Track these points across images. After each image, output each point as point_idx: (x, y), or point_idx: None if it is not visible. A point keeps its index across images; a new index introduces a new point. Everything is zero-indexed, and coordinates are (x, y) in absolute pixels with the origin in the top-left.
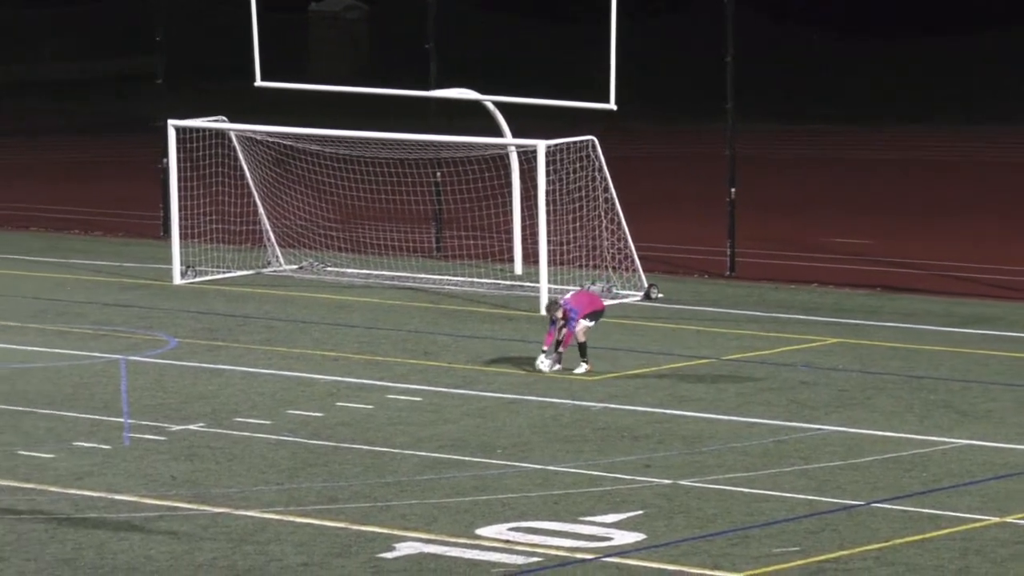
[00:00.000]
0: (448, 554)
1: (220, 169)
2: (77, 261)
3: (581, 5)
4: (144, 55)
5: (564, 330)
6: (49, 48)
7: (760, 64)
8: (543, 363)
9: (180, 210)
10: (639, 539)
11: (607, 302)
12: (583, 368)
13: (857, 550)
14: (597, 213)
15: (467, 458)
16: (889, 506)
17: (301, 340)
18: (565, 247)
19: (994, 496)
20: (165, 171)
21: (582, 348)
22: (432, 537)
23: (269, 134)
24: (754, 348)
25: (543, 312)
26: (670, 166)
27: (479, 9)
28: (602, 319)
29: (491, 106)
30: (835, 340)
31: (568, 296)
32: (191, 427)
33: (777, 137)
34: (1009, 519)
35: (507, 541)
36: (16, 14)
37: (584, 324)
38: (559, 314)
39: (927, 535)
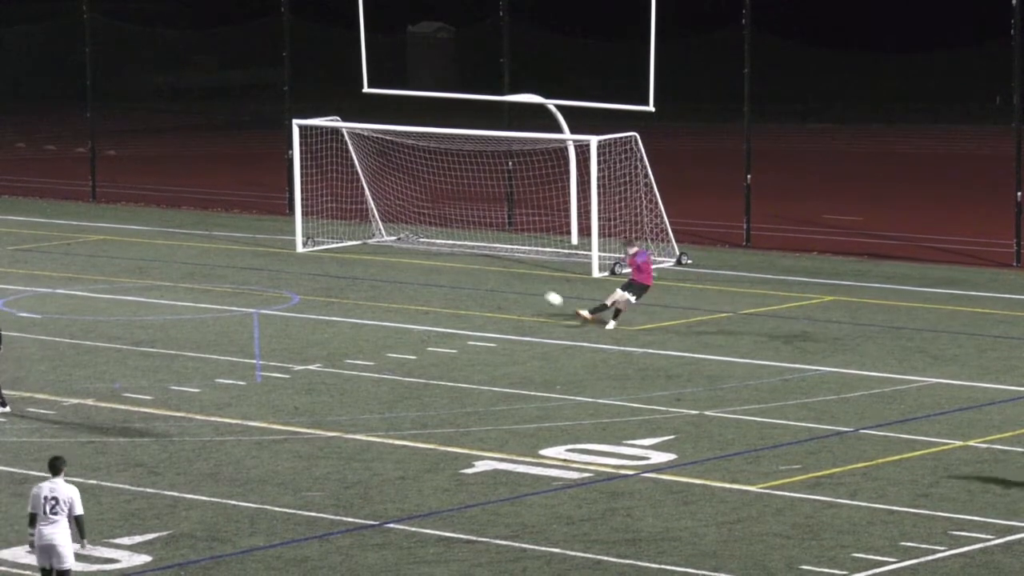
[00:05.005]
0: (517, 470)
1: (334, 159)
2: (219, 233)
3: (627, 25)
4: (272, 67)
5: (641, 261)
6: (197, 61)
7: (773, 74)
8: (554, 297)
9: (302, 192)
10: (671, 458)
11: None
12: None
13: (847, 468)
14: (638, 195)
15: (532, 393)
16: (873, 432)
17: (398, 297)
18: (612, 222)
19: (959, 424)
20: (290, 160)
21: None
22: (504, 456)
23: (374, 131)
24: (765, 304)
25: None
26: (699, 157)
27: (544, 29)
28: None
29: (553, 108)
30: (831, 298)
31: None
32: (310, 367)
33: (785, 134)
34: (971, 443)
35: (565, 460)
36: (176, 34)
37: (626, 295)
38: (631, 250)
39: (904, 455)
